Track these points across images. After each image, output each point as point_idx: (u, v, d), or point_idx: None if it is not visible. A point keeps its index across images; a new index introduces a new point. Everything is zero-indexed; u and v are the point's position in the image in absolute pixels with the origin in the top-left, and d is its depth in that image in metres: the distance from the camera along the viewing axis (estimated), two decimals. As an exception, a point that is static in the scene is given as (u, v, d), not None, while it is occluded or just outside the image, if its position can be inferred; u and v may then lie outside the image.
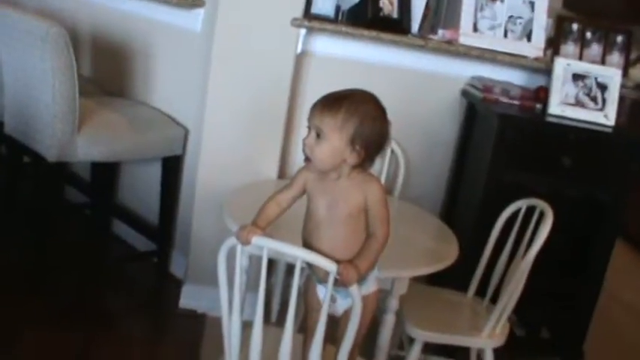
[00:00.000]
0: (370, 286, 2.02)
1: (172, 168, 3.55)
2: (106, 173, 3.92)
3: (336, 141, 1.89)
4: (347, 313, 2.03)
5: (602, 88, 3.32)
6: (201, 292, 3.36)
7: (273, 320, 3.31)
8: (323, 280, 2.02)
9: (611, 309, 4.00)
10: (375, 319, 2.33)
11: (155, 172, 3.58)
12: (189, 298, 3.43)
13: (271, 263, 3.33)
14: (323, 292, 2.05)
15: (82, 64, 3.88)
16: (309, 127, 1.93)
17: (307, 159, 1.95)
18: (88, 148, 3.16)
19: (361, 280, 1.94)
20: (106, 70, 4.01)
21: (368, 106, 1.92)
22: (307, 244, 2.01)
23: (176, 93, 3.62)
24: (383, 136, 1.94)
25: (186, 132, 3.53)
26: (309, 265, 1.97)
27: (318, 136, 1.90)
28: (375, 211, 1.95)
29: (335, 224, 1.97)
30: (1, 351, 2.85)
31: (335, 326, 2.05)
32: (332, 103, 1.91)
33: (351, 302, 1.99)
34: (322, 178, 1.98)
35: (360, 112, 1.89)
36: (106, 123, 3.30)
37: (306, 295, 2.12)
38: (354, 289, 1.89)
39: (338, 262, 1.88)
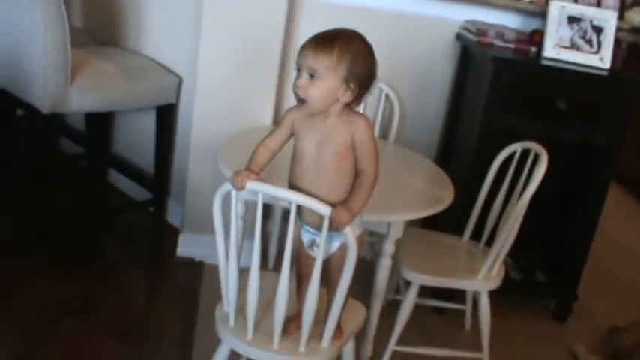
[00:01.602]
0: (354, 230, 2.00)
1: (166, 116, 3.54)
2: (101, 124, 3.91)
3: (331, 80, 1.89)
4: (334, 256, 2.05)
5: (598, 31, 3.30)
6: (198, 240, 3.38)
7: (271, 266, 3.33)
8: (308, 224, 2.04)
9: (605, 251, 4.03)
10: (364, 264, 2.33)
11: (150, 121, 3.57)
12: (186, 247, 3.45)
13: (268, 210, 3.35)
14: (306, 236, 2.07)
15: (73, 15, 3.84)
16: (299, 69, 1.92)
17: (300, 100, 1.94)
18: (81, 99, 3.15)
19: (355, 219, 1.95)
20: (98, 19, 3.96)
21: (359, 44, 1.93)
22: (294, 187, 2.00)
23: (169, 41, 3.59)
24: (373, 75, 1.95)
25: (180, 80, 3.51)
26: (297, 208, 1.97)
27: (312, 76, 1.90)
28: (363, 150, 1.95)
29: (322, 163, 1.96)
30: (3, 305, 2.87)
31: (324, 269, 2.06)
32: (325, 42, 1.89)
33: (338, 246, 2.02)
34: (310, 118, 1.98)
35: (353, 51, 1.89)
36: (99, 73, 3.28)
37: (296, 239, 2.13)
38: (347, 230, 1.90)
39: (333, 205, 1.89)
